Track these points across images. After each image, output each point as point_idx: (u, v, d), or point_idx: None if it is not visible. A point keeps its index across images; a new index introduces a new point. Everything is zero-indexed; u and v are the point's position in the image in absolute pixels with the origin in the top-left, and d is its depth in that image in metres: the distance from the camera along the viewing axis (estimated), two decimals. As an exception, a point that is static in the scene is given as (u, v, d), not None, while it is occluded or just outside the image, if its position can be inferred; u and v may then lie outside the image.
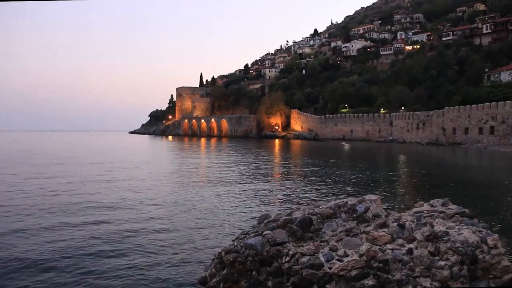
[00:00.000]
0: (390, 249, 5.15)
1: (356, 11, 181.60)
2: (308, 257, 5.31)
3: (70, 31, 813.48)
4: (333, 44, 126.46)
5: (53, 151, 51.04)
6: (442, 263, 4.94)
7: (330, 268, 5.11)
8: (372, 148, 56.84)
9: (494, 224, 10.56)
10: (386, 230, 5.46)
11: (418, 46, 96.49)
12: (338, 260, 5.17)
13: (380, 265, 5.02)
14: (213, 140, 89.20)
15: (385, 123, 78.16)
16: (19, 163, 31.46)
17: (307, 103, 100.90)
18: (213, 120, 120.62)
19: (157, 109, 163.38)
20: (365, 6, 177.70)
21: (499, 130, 54.07)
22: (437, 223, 5.45)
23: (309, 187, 18.70)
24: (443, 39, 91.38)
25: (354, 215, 5.86)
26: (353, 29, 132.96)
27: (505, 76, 64.71)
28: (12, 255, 8.55)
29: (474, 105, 57.72)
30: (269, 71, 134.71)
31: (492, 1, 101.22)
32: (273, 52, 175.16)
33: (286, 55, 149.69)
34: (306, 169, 27.74)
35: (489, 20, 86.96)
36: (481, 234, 5.22)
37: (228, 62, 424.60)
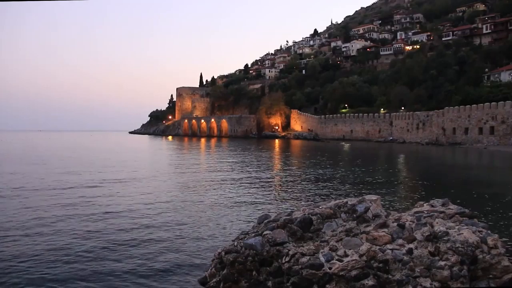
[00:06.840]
0: (390, 249, 5.14)
1: (356, 11, 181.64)
2: (308, 257, 5.31)
3: (70, 31, 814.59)
4: (333, 44, 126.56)
5: (54, 153, 50.97)
6: (442, 263, 4.93)
7: (330, 268, 5.11)
8: (372, 148, 56.82)
9: (494, 224, 10.56)
10: (386, 230, 5.46)
11: (418, 46, 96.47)
12: (338, 260, 5.17)
13: (380, 265, 5.02)
14: (213, 140, 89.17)
15: (385, 123, 78.17)
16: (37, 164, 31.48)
17: (307, 103, 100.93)
18: (213, 120, 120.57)
19: (157, 109, 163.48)
20: (365, 6, 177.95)
21: (499, 130, 54.09)
22: (437, 223, 5.45)
23: (309, 187, 18.70)
24: (443, 39, 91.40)
25: (354, 215, 5.86)
26: (353, 29, 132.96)
27: (505, 76, 64.72)
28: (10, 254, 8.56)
29: (474, 105, 57.75)
30: (269, 71, 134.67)
31: (492, 1, 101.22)
32: (273, 52, 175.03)
33: (286, 55, 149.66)
34: (306, 169, 27.74)
35: (489, 20, 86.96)
36: (481, 234, 5.21)
37: (228, 62, 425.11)
